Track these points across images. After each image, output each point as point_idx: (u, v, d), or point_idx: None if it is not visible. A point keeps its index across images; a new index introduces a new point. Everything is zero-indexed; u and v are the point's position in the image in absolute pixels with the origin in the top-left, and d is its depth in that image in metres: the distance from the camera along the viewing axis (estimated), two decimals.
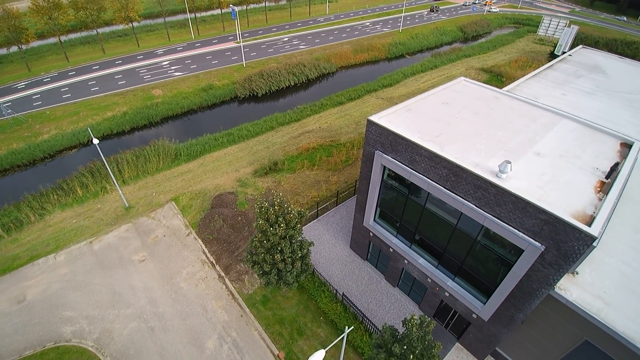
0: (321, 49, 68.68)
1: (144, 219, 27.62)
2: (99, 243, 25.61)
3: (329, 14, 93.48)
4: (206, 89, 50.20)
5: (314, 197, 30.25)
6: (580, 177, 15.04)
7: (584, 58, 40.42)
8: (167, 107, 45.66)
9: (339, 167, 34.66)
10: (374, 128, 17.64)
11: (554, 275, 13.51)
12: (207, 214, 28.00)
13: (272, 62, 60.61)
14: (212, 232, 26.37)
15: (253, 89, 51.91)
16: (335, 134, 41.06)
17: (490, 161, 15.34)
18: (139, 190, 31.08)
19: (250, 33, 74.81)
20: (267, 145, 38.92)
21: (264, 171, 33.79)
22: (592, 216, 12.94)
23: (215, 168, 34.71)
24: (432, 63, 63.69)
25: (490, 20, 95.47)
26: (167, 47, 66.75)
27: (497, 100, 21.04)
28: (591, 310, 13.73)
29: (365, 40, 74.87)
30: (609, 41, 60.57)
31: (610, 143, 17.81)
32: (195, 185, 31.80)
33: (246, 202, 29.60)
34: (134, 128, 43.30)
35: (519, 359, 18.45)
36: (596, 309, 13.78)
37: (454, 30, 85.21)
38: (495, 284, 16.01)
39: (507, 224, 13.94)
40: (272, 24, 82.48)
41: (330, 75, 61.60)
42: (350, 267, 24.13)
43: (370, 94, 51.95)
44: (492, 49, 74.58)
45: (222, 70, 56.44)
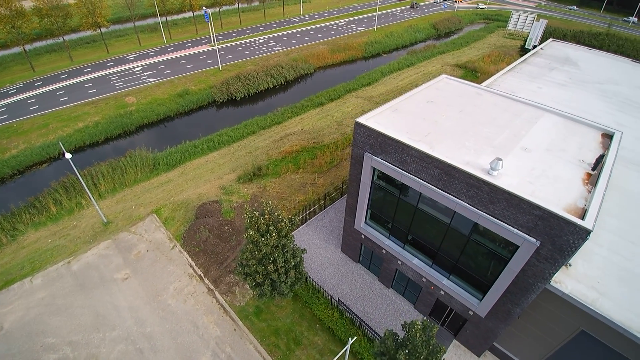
0: (298, 49, 68.11)
1: (124, 234, 26.29)
2: (78, 263, 24.18)
3: (304, 15, 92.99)
4: (182, 95, 48.70)
5: (301, 202, 29.75)
6: (567, 170, 15.25)
7: (555, 51, 41.69)
8: (142, 114, 43.94)
9: (324, 169, 34.29)
10: (362, 130, 17.35)
11: (549, 270, 13.61)
12: (192, 225, 26.97)
13: (249, 65, 59.60)
14: (198, 243, 25.41)
15: (231, 93, 50.83)
16: (318, 135, 40.68)
17: (481, 158, 15.33)
18: (117, 203, 29.62)
19: (224, 35, 73.31)
20: (249, 150, 38.06)
21: (248, 177, 32.98)
22: (584, 209, 13.08)
23: (197, 176, 33.60)
24: (409, 61, 64.36)
25: (461, 17, 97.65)
26: (138, 53, 64.40)
27: (480, 97, 21.21)
28: (586, 301, 13.92)
29: (341, 39, 74.87)
30: (576, 33, 63.09)
31: (592, 135, 18.23)
32: (177, 196, 30.63)
33: (232, 210, 28.75)
34: (108, 138, 41.40)
35: (516, 351, 18.65)
36: (591, 300, 13.99)
37: (427, 28, 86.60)
38: (491, 280, 16.04)
39: (501, 221, 13.93)
40: (246, 25, 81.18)
41: (309, 76, 61.19)
42: (343, 270, 23.79)
43: (350, 94, 51.88)
44: (465, 45, 76.18)
45: (198, 75, 54.93)
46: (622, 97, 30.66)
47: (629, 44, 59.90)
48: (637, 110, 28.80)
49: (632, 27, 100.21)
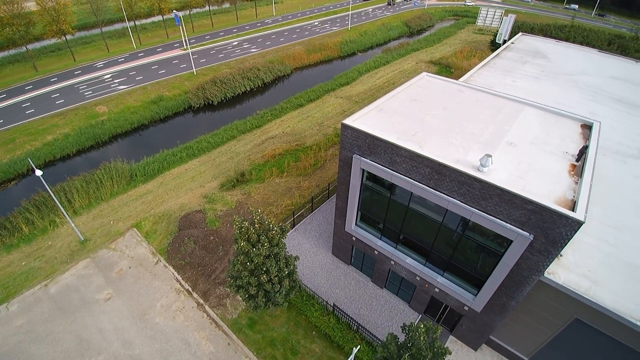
0: (273, 51, 67.35)
1: (103, 251, 24.94)
2: (56, 285, 22.70)
3: (277, 15, 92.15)
4: (156, 101, 47.00)
5: (287, 206, 29.22)
6: (553, 162, 15.52)
7: (525, 45, 42.91)
8: (114, 124, 42.06)
9: (308, 171, 33.87)
10: (350, 132, 17.07)
11: (543, 262, 13.77)
12: (175, 237, 25.93)
13: (224, 68, 58.34)
14: (184, 256, 24.43)
15: (207, 98, 49.54)
16: (299, 137, 40.21)
17: (469, 155, 15.36)
18: (94, 219, 28.10)
19: (196, 39, 71.47)
20: (230, 155, 37.14)
21: (231, 184, 32.11)
22: (574, 200, 13.31)
23: (178, 186, 32.42)
24: (384, 59, 64.89)
25: (432, 14, 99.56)
26: (107, 59, 61.76)
27: (462, 94, 21.38)
28: (580, 290, 14.20)
29: (316, 40, 74.63)
30: (543, 26, 65.48)
31: (571, 126, 18.69)
32: (158, 207, 29.40)
33: (216, 219, 27.85)
34: (80, 151, 39.35)
35: (512, 343, 18.90)
36: (584, 289, 14.28)
37: (400, 26, 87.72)
38: (486, 275, 16.13)
39: (494, 217, 13.99)
40: (218, 28, 79.51)
41: (286, 77, 60.62)
42: (335, 274, 23.48)
43: (328, 94, 51.70)
44: (437, 41, 77.61)
45: (172, 80, 53.23)
46: (592, 87, 31.86)
47: (594, 35, 62.76)
48: (607, 99, 29.97)
49: (594, 18, 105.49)
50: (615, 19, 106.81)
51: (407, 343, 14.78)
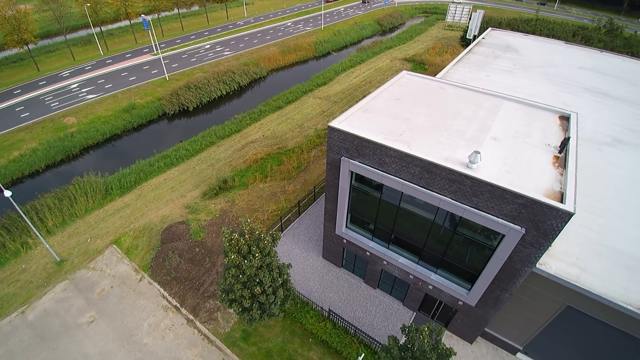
0: (247, 53, 66.29)
1: (82, 272, 23.56)
2: (34, 311, 21.21)
3: (248, 17, 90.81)
4: (128, 110, 45.10)
5: (274, 211, 28.65)
6: (537, 155, 15.81)
7: (495, 39, 44.04)
8: (85, 135, 40.00)
9: (292, 174, 33.40)
10: (337, 134, 16.79)
11: (535, 254, 13.98)
12: (159, 251, 24.86)
13: (198, 72, 56.85)
14: (169, 271, 23.44)
15: (182, 104, 48.04)
16: (280, 140, 39.64)
17: (457, 153, 15.42)
18: (70, 238, 26.53)
19: (167, 43, 69.24)
20: (211, 162, 36.11)
21: (214, 192, 31.20)
22: (561, 192, 13.57)
23: (157, 197, 31.16)
24: (359, 57, 65.13)
25: (402, 12, 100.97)
26: (73, 68, 58.78)
27: (443, 91, 21.54)
28: (571, 278, 14.55)
29: (290, 40, 74.06)
30: (510, 21, 67.64)
31: (550, 118, 19.17)
32: (137, 221, 28.13)
33: (201, 230, 26.93)
34: (50, 166, 37.19)
35: (506, 333, 19.21)
36: (575, 277, 14.63)
37: (372, 24, 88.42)
38: (479, 270, 16.28)
39: (485, 213, 14.08)
40: (189, 31, 77.41)
41: (262, 80, 59.78)
42: (327, 278, 23.19)
43: (306, 95, 51.32)
44: (409, 39, 78.68)
45: (143, 87, 51.30)
46: (562, 78, 33.01)
47: (559, 27, 65.38)
48: (578, 89, 31.11)
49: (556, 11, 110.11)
50: (577, 11, 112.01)
51: (407, 344, 14.71)
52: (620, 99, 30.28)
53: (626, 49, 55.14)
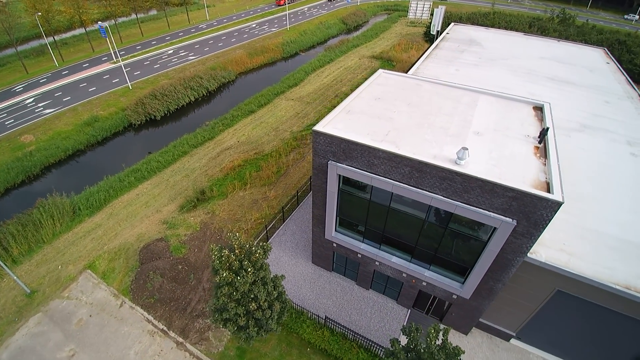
0: (213, 57, 64.44)
1: (56, 302, 21.71)
2: (7, 350, 19.24)
3: (211, 20, 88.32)
4: (90, 123, 42.38)
5: (257, 220, 27.84)
6: (519, 147, 16.17)
7: (459, 34, 45.32)
8: (45, 153, 37.11)
9: (272, 180, 32.66)
10: (322, 138, 16.39)
11: (527, 244, 14.28)
12: (138, 273, 23.42)
13: (163, 79, 54.53)
14: (152, 293, 22.12)
15: (149, 113, 45.85)
16: (257, 145, 38.72)
17: (444, 150, 15.48)
18: (38, 266, 24.42)
19: (126, 50, 65.81)
20: (185, 173, 34.61)
21: (192, 204, 29.89)
22: (547, 182, 13.93)
23: (131, 214, 29.42)
24: (328, 57, 65.08)
25: (365, 10, 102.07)
26: (26, 81, 54.47)
27: (420, 87, 21.67)
28: (561, 264, 15.01)
29: (256, 42, 72.80)
30: (470, 15, 69.95)
31: (525, 109, 19.74)
32: (111, 242, 26.39)
33: (182, 245, 25.67)
34: (10, 189, 34.23)
35: (499, 321, 19.62)
36: (565, 262, 15.11)
37: (337, 23, 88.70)
38: (472, 263, 16.47)
39: (477, 208, 14.20)
40: (149, 37, 74.08)
41: (231, 84, 58.34)
42: (319, 283, 22.78)
43: (279, 97, 50.55)
44: (374, 36, 79.61)
45: (105, 98, 48.45)
46: (525, 69, 34.34)
47: (515, 20, 68.38)
48: (541, 79, 32.45)
49: (511, 3, 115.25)
50: (530, 2, 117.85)
51: (410, 345, 14.60)
52: (581, 86, 31.94)
53: (579, 37, 58.56)
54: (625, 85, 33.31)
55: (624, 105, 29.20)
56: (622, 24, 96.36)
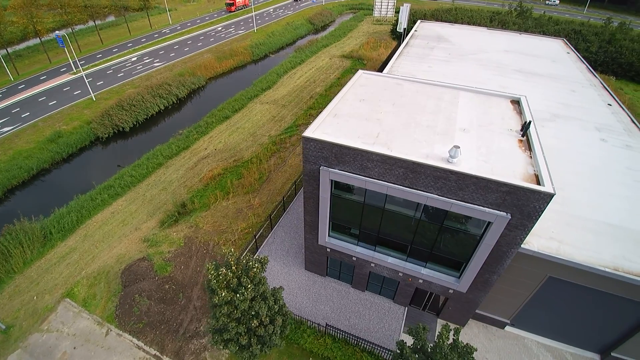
0: (181, 62, 62.36)
1: (35, 336, 20.02)
2: None
3: (174, 24, 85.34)
4: (54, 139, 39.64)
5: (244, 230, 27.06)
6: (504, 141, 16.58)
7: (427, 31, 46.22)
8: (5, 175, 34.26)
9: (255, 187, 31.90)
10: (313, 144, 16.06)
11: (520, 236, 14.65)
12: (122, 297, 22.09)
13: (129, 88, 52.05)
14: (139, 317, 20.93)
15: (117, 125, 43.59)
16: (235, 152, 37.73)
17: (435, 149, 15.60)
18: (11, 299, 22.44)
19: (86, 59, 62.17)
20: (162, 186, 33.15)
21: (173, 218, 28.62)
22: (536, 174, 14.33)
23: (107, 235, 27.78)
24: (299, 58, 64.64)
25: (331, 10, 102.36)
26: None
27: (401, 87, 21.77)
28: (552, 252, 15.55)
29: (224, 45, 71.18)
30: (434, 12, 71.83)
31: (503, 103, 20.30)
32: (89, 266, 24.78)
33: (166, 263, 24.49)
34: None
35: (493, 310, 20.10)
36: (556, 250, 15.67)
37: (304, 24, 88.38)
38: (468, 258, 16.74)
39: (472, 204, 14.40)
40: (110, 44, 70.45)
41: (202, 89, 56.69)
42: (314, 290, 22.45)
43: (252, 101, 49.59)
44: (342, 36, 79.93)
45: (68, 111, 45.56)
46: (494, 63, 35.56)
47: (477, 14, 70.90)
48: (508, 71, 33.69)
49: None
50: None
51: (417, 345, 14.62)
52: (547, 76, 33.46)
53: (538, 29, 61.54)
54: (586, 73, 35.28)
55: (588, 93, 30.87)
56: (575, 13, 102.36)
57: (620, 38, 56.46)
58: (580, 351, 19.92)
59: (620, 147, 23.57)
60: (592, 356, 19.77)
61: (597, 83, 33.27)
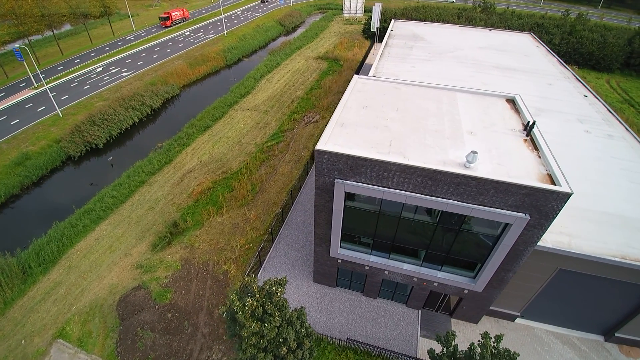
0: (150, 70, 59.62)
1: None
2: None
3: (138, 30, 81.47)
4: (20, 162, 36.48)
5: (244, 246, 26.07)
6: (511, 142, 16.82)
7: (402, 30, 46.54)
8: None
9: (249, 199, 30.88)
10: (327, 157, 15.55)
11: (537, 234, 14.94)
12: (122, 331, 20.60)
13: (98, 101, 49.07)
14: (145, 353, 19.55)
15: (89, 142, 40.81)
16: (222, 163, 36.42)
17: (449, 154, 15.57)
18: None
19: (47, 72, 57.71)
20: (148, 206, 31.34)
21: (165, 240, 27.12)
22: (549, 174, 14.61)
23: (94, 264, 25.83)
24: (274, 61, 63.57)
25: (300, 10, 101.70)
26: None
27: (399, 91, 21.61)
28: (564, 246, 16.02)
29: (195, 51, 68.85)
30: (403, 10, 72.92)
31: (499, 103, 20.66)
32: (79, 300, 22.93)
33: (165, 290, 23.10)
34: None
35: (504, 305, 20.49)
36: (567, 244, 16.14)
37: (275, 25, 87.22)
38: (485, 259, 16.87)
39: (492, 208, 14.48)
40: (70, 54, 65.94)
41: (176, 98, 54.47)
42: (325, 302, 21.98)
43: (232, 108, 48.17)
44: (315, 37, 79.49)
45: (33, 130, 42.18)
46: (471, 60, 36.37)
47: (444, 12, 72.77)
48: (487, 68, 34.57)
49: None
50: None
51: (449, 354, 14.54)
52: (522, 71, 34.67)
53: (503, 24, 63.98)
54: (558, 66, 36.93)
55: (564, 85, 32.28)
56: (532, 6, 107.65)
57: (580, 29, 59.87)
58: (586, 335, 20.78)
59: (603, 137, 24.77)
60: (596, 338, 20.68)
61: (569, 75, 34.88)
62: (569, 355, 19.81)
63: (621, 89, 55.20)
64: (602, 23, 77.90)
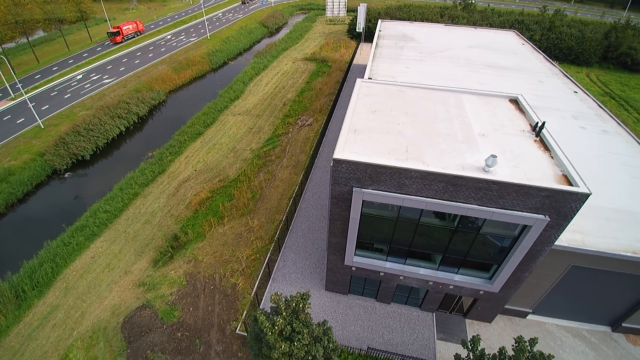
0: (134, 76, 57.78)
1: None
2: None
3: None
4: (4, 178, 34.59)
5: (250, 257, 25.46)
6: (523, 144, 16.96)
7: (390, 30, 46.63)
8: None
9: (250, 207, 30.22)
10: (344, 166, 15.26)
11: (555, 234, 15.12)
12: (130, 355, 19.71)
13: (81, 110, 47.17)
14: None
15: (75, 153, 39.18)
16: (218, 171, 35.55)
17: (467, 158, 15.55)
18: None
19: (23, 82, 54.96)
20: (145, 219, 30.22)
21: (167, 255, 26.20)
22: (564, 174, 14.79)
23: (93, 284, 24.68)
24: (261, 64, 62.79)
25: (282, 11, 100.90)
26: None
27: (405, 94, 21.53)
28: (578, 244, 16.32)
29: (178, 55, 67.24)
30: (387, 10, 73.21)
31: (504, 104, 20.86)
32: (80, 324, 21.84)
33: (172, 308, 22.27)
34: None
35: (516, 302, 20.71)
36: (581, 242, 16.45)
37: (258, 27, 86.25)
38: (502, 261, 16.98)
39: (512, 211, 14.54)
40: (47, 62, 63.13)
41: (163, 105, 53.08)
42: (339, 310, 21.72)
43: (224, 113, 47.22)
44: (300, 38, 78.97)
45: (13, 144, 40.10)
46: (463, 59, 36.76)
47: (427, 10, 73.50)
48: (479, 67, 35.02)
49: None
50: None
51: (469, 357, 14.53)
52: (513, 69, 35.31)
53: (485, 21, 65.20)
54: (546, 63, 37.81)
55: (554, 82, 33.05)
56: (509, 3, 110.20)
57: (559, 25, 61.68)
58: (594, 326, 21.30)
59: (598, 133, 25.47)
60: (604, 329, 21.22)
61: (557, 72, 35.77)
62: (580, 348, 20.24)
63: (601, 82, 57.24)
64: (578, 18, 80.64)
